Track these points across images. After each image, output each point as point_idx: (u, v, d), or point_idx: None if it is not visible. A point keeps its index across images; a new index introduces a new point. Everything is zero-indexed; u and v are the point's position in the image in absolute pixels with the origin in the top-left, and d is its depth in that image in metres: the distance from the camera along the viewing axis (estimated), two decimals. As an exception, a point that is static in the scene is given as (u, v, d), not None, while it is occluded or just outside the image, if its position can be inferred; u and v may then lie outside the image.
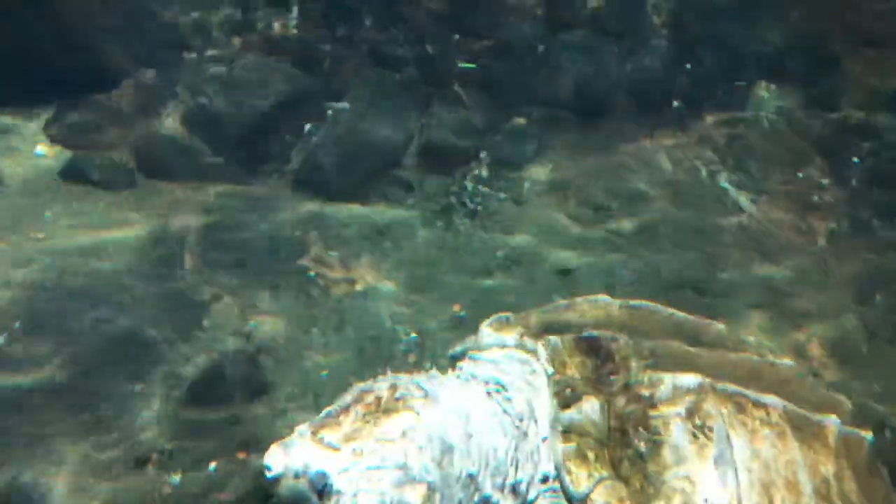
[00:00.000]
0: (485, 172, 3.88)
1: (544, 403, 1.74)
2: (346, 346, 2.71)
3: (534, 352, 1.81)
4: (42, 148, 3.62)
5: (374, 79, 3.94)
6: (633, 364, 1.80)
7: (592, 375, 1.77)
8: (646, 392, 1.74)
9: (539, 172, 3.92)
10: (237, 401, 2.46)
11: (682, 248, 3.47)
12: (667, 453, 1.68)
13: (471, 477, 1.63)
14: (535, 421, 1.73)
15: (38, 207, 3.24)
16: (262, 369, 2.57)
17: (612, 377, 1.77)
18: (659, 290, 3.17)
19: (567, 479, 1.66)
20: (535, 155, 3.98)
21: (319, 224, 3.38)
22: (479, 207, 3.64)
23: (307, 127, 3.84)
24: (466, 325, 2.84)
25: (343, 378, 2.53)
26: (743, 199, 3.83)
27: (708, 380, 1.79)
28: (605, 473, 1.66)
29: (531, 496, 1.69)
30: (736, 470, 1.70)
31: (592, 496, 1.64)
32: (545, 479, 1.69)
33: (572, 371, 1.78)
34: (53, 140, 3.66)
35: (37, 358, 2.45)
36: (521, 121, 4.14)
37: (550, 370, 1.78)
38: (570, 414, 1.71)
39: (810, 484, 1.76)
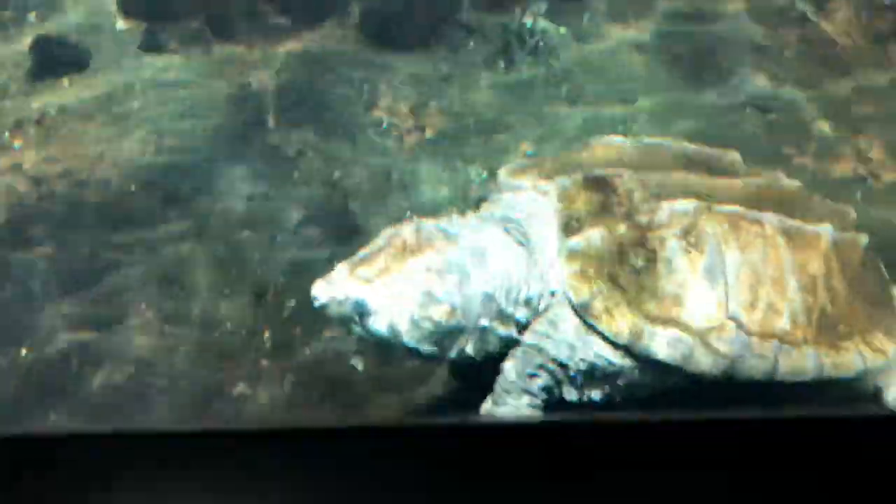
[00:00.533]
0: (543, 7, 3.88)
1: (553, 235, 1.97)
2: (424, 186, 2.95)
3: (546, 192, 2.01)
4: (121, 23, 3.81)
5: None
6: (637, 196, 1.97)
7: (597, 209, 1.96)
8: (644, 218, 1.92)
9: (600, 3, 3.90)
10: (333, 243, 2.76)
11: (744, 65, 3.49)
12: (661, 266, 1.88)
13: (487, 295, 1.90)
14: (545, 250, 1.96)
15: (127, 80, 3.49)
16: (350, 214, 2.85)
17: (615, 209, 1.96)
18: (720, 111, 3.25)
19: (570, 292, 1.89)
20: (594, -15, 3.95)
21: (386, 75, 3.52)
22: (540, 44, 3.70)
23: (365, -23, 3.89)
24: (534, 162, 3.03)
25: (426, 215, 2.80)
26: (808, 7, 3.74)
27: (705, 203, 1.95)
28: (603, 286, 1.88)
29: (541, 307, 1.95)
30: (725, 274, 1.88)
31: (593, 303, 1.87)
32: (553, 295, 1.95)
33: (579, 206, 1.97)
34: (128, 14, 3.85)
35: (166, 218, 2.80)
36: (576, -52, 4.06)
37: (559, 206, 1.98)
38: (574, 241, 1.92)
39: (796, 281, 1.92)
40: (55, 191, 2.93)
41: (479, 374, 2.00)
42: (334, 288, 1.85)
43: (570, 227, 1.94)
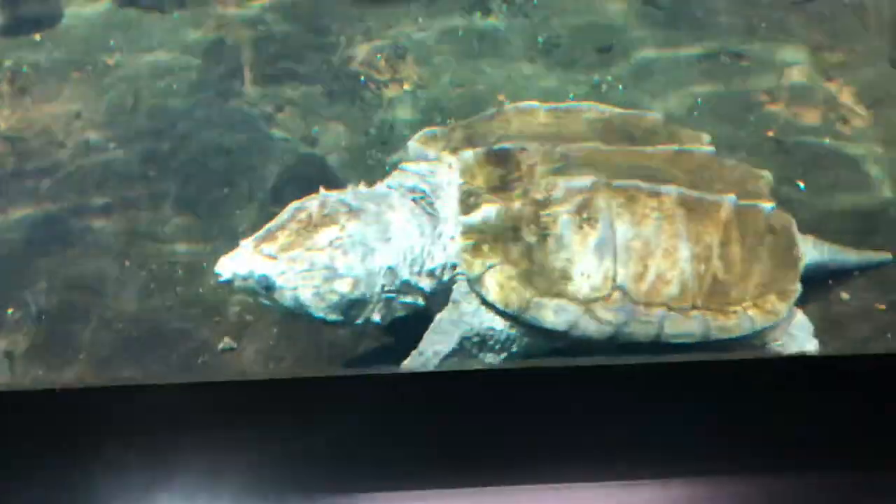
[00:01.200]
0: (520, -46, 3.84)
1: (454, 210, 2.05)
2: (402, 143, 2.97)
3: (450, 165, 2.09)
4: (91, -24, 3.74)
5: None
6: (538, 171, 2.04)
7: (498, 184, 2.04)
8: (540, 196, 2.00)
9: (575, -51, 3.86)
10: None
11: (721, 14, 3.49)
12: (551, 242, 1.98)
13: (390, 269, 2.00)
14: (449, 222, 2.05)
15: (101, 36, 3.45)
16: (329, 169, 2.87)
17: (515, 185, 2.03)
18: (693, 59, 3.26)
19: (464, 266, 2.00)
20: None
21: (362, 27, 3.49)
22: (517, -7, 3.67)
23: (335, -77, 3.82)
24: (511, 113, 3.05)
25: (402, 171, 2.83)
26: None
27: (603, 178, 2.02)
28: (496, 260, 1.98)
29: (445, 278, 2.06)
30: (615, 248, 1.98)
31: (484, 276, 1.98)
32: (454, 267, 2.05)
33: (479, 181, 2.05)
34: (99, -33, 3.77)
35: (146, 177, 2.81)
36: None
37: (461, 181, 2.05)
38: (470, 218, 2.02)
39: (689, 251, 2.00)
40: (32, 150, 2.92)
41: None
42: (237, 264, 1.93)
43: (468, 203, 2.02)
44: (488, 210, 1.99)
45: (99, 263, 2.57)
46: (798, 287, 2.13)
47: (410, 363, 2.04)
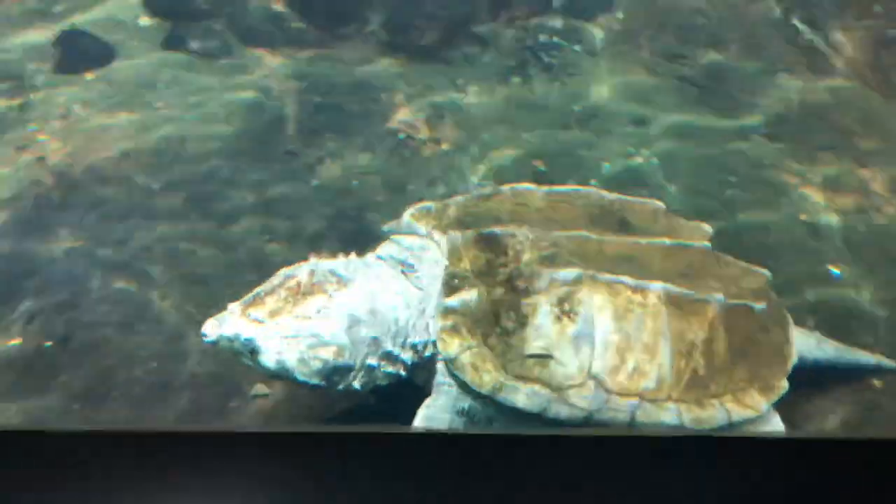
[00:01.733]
0: (558, 23, 3.97)
1: (438, 290, 2.10)
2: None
3: (439, 244, 2.15)
4: (145, 20, 3.88)
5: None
6: (525, 258, 2.09)
7: (484, 268, 2.09)
8: (523, 284, 2.06)
9: (612, 21, 3.99)
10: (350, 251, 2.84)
11: (756, 94, 3.58)
12: (529, 330, 2.03)
13: (374, 339, 2.06)
14: (433, 301, 2.10)
15: (150, 79, 3.56)
16: (366, 223, 2.93)
17: (500, 270, 2.08)
18: (727, 137, 3.34)
19: (440, 346, 2.05)
20: (608, 2, 4.04)
21: (403, 85, 3.60)
22: (554, 60, 3.78)
23: (384, -15, 3.97)
24: (547, 179, 3.11)
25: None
26: (816, 39, 3.84)
27: (590, 271, 2.06)
28: (473, 343, 2.03)
29: (427, 353, 2.12)
30: (593, 340, 2.02)
31: (460, 356, 2.02)
32: (436, 345, 2.09)
33: (465, 264, 2.10)
34: (152, 11, 3.91)
35: (177, 213, 2.88)
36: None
37: (446, 262, 2.11)
38: (451, 300, 2.07)
39: (670, 347, 2.04)
40: (78, 185, 3.00)
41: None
42: (224, 326, 1.99)
43: (451, 285, 2.08)
44: (470, 294, 2.05)
45: (135, 301, 2.61)
46: (784, 384, 2.15)
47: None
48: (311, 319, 1.98)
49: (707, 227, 2.31)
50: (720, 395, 2.07)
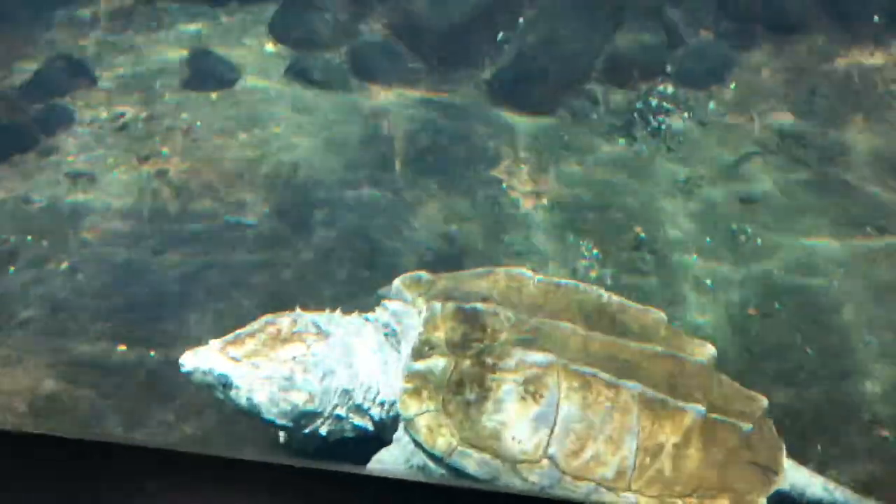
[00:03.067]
0: (670, 89, 3.96)
1: (408, 354, 2.16)
2: (535, 256, 3.05)
3: (420, 312, 2.22)
4: (270, 46, 4.07)
5: (568, -13, 4.04)
6: (502, 337, 2.13)
7: (458, 340, 2.14)
8: (492, 361, 2.10)
9: (725, 91, 3.95)
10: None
11: (873, 184, 3.48)
12: (490, 404, 2.07)
13: (346, 391, 2.14)
14: (403, 364, 2.17)
15: (270, 103, 3.72)
16: (464, 269, 2.96)
17: (473, 344, 2.13)
18: (840, 223, 3.24)
19: (400, 406, 2.09)
20: (721, 72, 4.00)
21: (509, 134, 3.65)
22: (663, 126, 3.77)
23: (500, 35, 4.05)
24: (645, 247, 3.09)
25: (533, 286, 2.90)
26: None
27: (563, 360, 2.09)
28: (432, 407, 2.08)
29: (393, 412, 2.18)
30: (554, 424, 2.05)
31: (417, 418, 2.07)
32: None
33: (440, 333, 2.16)
34: (277, 39, 4.10)
35: (283, 239, 2.98)
36: (708, 35, 4.14)
37: (421, 329, 2.17)
38: (418, 365, 2.12)
39: (636, 443, 2.05)
40: (195, 201, 3.14)
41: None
42: (200, 359, 2.06)
43: (421, 351, 2.14)
44: (436, 362, 2.10)
45: (239, 317, 2.70)
46: (762, 502, 2.11)
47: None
48: (286, 364, 2.07)
49: (711, 348, 2.29)
50: (685, 497, 2.06)
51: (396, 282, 2.32)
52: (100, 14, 4.18)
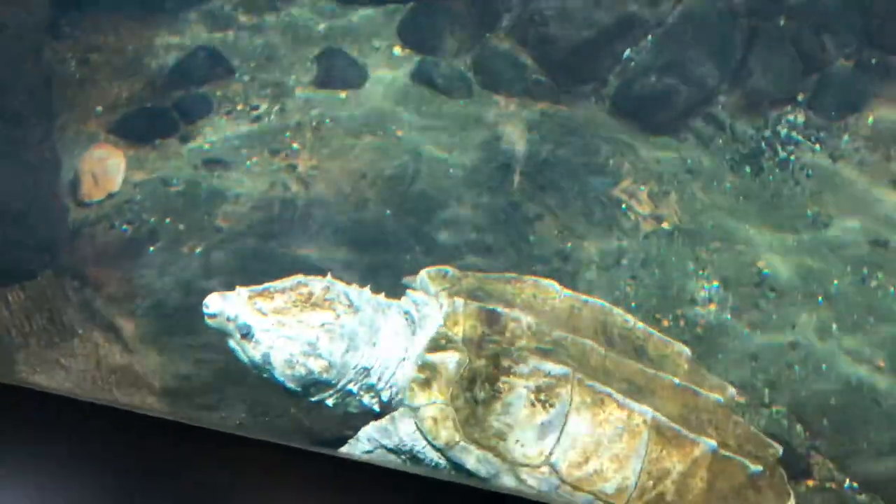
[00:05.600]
0: (800, 119, 3.82)
1: (423, 345, 2.13)
2: (651, 284, 3.01)
3: (441, 306, 2.19)
4: (398, 50, 4.15)
5: (698, 9, 3.95)
6: (520, 343, 2.11)
7: (475, 339, 2.12)
8: (507, 364, 2.07)
9: (860, 125, 3.78)
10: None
11: None
12: (499, 405, 2.04)
13: (365, 369, 2.10)
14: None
15: (395, 106, 3.80)
16: (578, 290, 2.95)
17: (490, 346, 2.10)
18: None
19: (409, 394, 2.07)
20: (858, 104, 3.83)
21: (631, 154, 3.61)
22: (791, 157, 3.64)
23: (626, 52, 4.00)
24: (767, 284, 3.00)
25: (649, 314, 2.86)
26: None
27: (579, 374, 2.05)
28: (439, 399, 2.06)
29: (399, 397, 2.12)
30: (561, 434, 2.02)
31: (423, 408, 2.05)
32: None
33: (458, 329, 2.14)
34: (405, 42, 4.18)
35: (403, 242, 3.05)
36: (847, 64, 3.96)
37: (441, 322, 2.14)
38: (432, 356, 2.10)
39: (641, 465, 2.01)
40: (321, 198, 3.25)
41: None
42: (227, 304, 2.02)
43: (437, 344, 2.11)
44: (451, 356, 2.08)
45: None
46: None
47: (347, 448, 2.12)
48: (313, 329, 2.03)
49: (731, 389, 2.25)
50: None
51: (423, 273, 2.31)
52: (237, 8, 4.37)
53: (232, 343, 2.06)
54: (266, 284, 2.09)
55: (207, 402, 2.39)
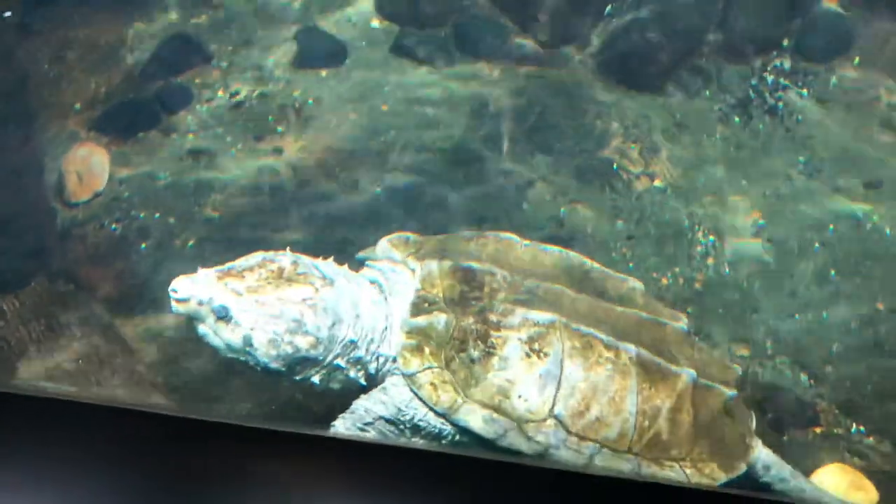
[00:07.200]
0: (787, 64, 3.78)
1: (405, 311, 2.09)
2: (648, 242, 3.00)
3: (413, 270, 2.14)
4: (375, 22, 4.08)
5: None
6: (500, 296, 2.08)
7: (456, 298, 2.08)
8: (495, 318, 2.05)
9: (848, 68, 3.75)
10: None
11: None
12: (495, 361, 2.02)
13: (352, 342, 2.05)
14: (398, 321, 2.10)
15: (377, 80, 3.74)
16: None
17: (473, 302, 2.07)
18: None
19: (401, 361, 2.03)
20: (844, 45, 3.79)
21: (619, 113, 3.57)
22: (780, 104, 3.61)
23: (608, 8, 3.94)
24: (764, 234, 2.99)
25: (647, 273, 2.86)
26: None
27: (564, 319, 2.04)
28: (434, 363, 2.02)
29: (385, 368, 2.10)
30: (559, 382, 2.01)
31: (418, 375, 2.01)
32: (395, 361, 2.08)
33: (437, 291, 2.09)
34: (383, 15, 4.11)
35: (397, 219, 3.00)
36: (831, 4, 3.91)
37: (418, 286, 2.09)
38: (418, 321, 2.06)
39: (635, 406, 2.03)
40: (310, 181, 3.22)
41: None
42: (199, 288, 1.92)
43: (420, 307, 2.07)
44: (438, 318, 2.04)
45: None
46: (743, 467, 2.14)
47: (342, 422, 2.07)
48: (297, 306, 1.95)
49: (683, 317, 2.30)
50: (680, 460, 2.07)
51: (383, 242, 2.27)
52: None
53: (203, 328, 1.96)
54: (229, 264, 2.02)
55: (214, 395, 2.39)
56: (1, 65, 3.08)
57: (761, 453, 2.20)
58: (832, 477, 2.19)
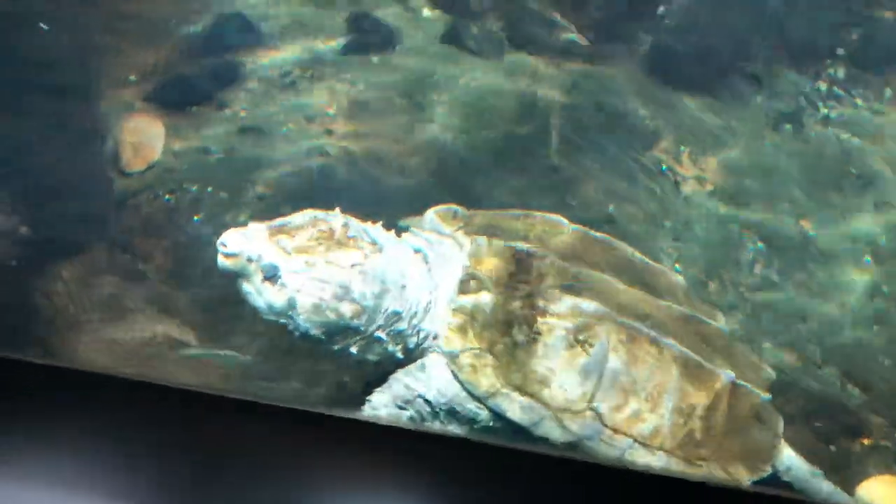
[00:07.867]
0: (841, 73, 3.74)
1: (452, 287, 2.04)
2: (695, 245, 2.98)
3: (462, 245, 2.10)
4: (427, 11, 4.08)
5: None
6: (549, 281, 2.04)
7: (504, 278, 2.04)
8: (542, 303, 2.01)
9: (904, 79, 3.70)
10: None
11: None
12: (539, 348, 1.98)
13: (396, 313, 1.99)
14: (444, 297, 2.05)
15: (427, 69, 3.74)
16: (621, 253, 2.93)
17: (520, 285, 2.03)
18: None
19: (444, 341, 1.99)
20: (900, 57, 3.75)
21: (669, 115, 3.55)
22: (833, 114, 3.57)
23: (660, 9, 3.91)
24: (813, 244, 2.96)
25: (694, 275, 2.84)
26: None
27: (612, 311, 2.02)
28: (477, 345, 1.98)
29: (426, 343, 2.05)
30: (602, 376, 1.98)
31: (461, 355, 1.98)
32: (436, 338, 2.05)
33: (485, 270, 2.05)
34: (436, 3, 4.10)
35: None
36: (890, 15, 3.86)
37: (467, 262, 2.05)
38: (465, 299, 2.02)
39: (672, 403, 2.02)
40: (358, 163, 3.23)
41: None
42: (250, 242, 1.85)
43: (468, 285, 2.03)
44: (485, 298, 2.01)
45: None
46: (769, 470, 2.14)
47: (379, 397, 2.03)
48: (345, 271, 1.88)
49: (721, 315, 2.30)
50: (709, 460, 2.06)
51: (430, 213, 2.23)
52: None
53: (247, 286, 1.90)
54: (280, 220, 1.96)
55: (266, 374, 2.41)
56: (65, 36, 3.11)
57: (786, 456, 2.19)
58: (881, 488, 2.17)
